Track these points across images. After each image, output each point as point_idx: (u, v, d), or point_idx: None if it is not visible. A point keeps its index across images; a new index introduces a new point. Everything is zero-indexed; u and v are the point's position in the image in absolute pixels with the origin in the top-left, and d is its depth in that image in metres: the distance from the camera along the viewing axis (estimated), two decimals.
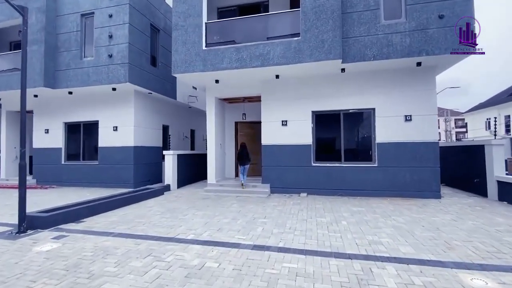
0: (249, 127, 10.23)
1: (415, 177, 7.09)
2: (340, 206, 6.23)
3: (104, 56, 8.85)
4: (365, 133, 7.60)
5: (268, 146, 8.05)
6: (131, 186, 9.24)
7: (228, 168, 9.85)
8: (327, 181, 7.59)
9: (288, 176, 7.86)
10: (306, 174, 7.73)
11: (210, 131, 8.71)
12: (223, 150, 9.58)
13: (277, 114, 8.02)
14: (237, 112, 9.85)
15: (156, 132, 10.63)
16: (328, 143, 7.97)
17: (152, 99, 10.41)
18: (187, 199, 7.31)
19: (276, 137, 8.00)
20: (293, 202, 6.73)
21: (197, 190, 8.83)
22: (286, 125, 7.93)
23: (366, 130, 7.60)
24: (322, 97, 7.72)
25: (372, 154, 7.46)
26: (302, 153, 7.78)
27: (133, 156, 9.31)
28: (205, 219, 5.18)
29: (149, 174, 10.06)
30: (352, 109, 7.59)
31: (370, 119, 7.50)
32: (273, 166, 7.99)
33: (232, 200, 7.07)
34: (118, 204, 6.31)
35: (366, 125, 7.61)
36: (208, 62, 7.33)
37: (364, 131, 7.66)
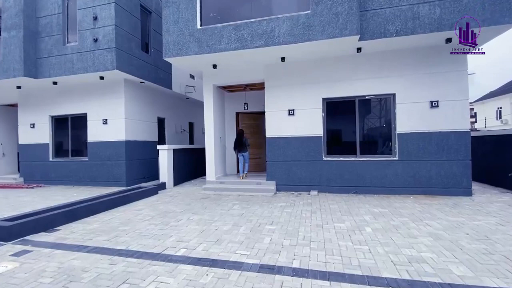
0: (252, 118, 9.33)
1: (442, 171, 6.20)
2: (358, 206, 5.38)
3: (88, 40, 7.93)
4: (384, 123, 6.69)
5: (273, 138, 7.18)
6: (123, 184, 8.46)
7: (229, 163, 9.01)
8: (340, 177, 6.73)
9: (296, 172, 7.01)
10: (317, 169, 6.87)
11: (208, 123, 7.84)
12: (223, 144, 8.73)
13: (283, 102, 7.11)
14: (238, 102, 8.95)
15: (150, 125, 9.78)
16: (341, 134, 7.07)
17: (145, 89, 9.52)
18: (183, 199, 6.50)
19: (282, 128, 7.11)
20: (303, 202, 5.89)
21: (195, 188, 8.02)
22: (293, 114, 7.03)
23: (385, 119, 6.68)
24: (334, 82, 6.78)
25: (391, 146, 6.56)
26: (312, 146, 6.90)
27: (125, 151, 8.49)
28: (201, 225, 4.36)
29: (144, 171, 9.27)
30: (369, 95, 6.65)
31: (390, 106, 6.57)
32: (279, 161, 7.13)
33: (234, 200, 6.25)
34: (104, 206, 5.52)
35: (385, 113, 6.68)
36: (204, 43, 6.40)
37: (382, 120, 6.74)
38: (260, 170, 9.59)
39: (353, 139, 6.82)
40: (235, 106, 9.01)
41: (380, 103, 6.70)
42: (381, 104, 6.69)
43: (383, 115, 6.71)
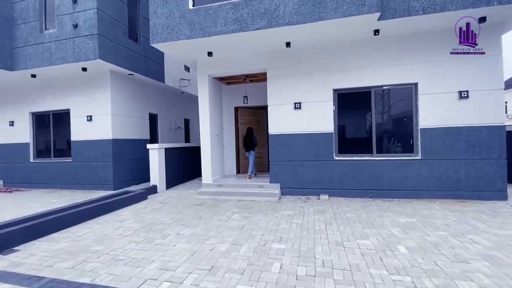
0: (252, 114, 8.49)
1: (472, 172, 5.38)
2: (380, 215, 4.57)
3: (68, 26, 7.04)
4: (404, 116, 5.85)
5: (277, 136, 6.34)
6: (110, 187, 7.63)
7: (227, 163, 8.18)
8: (353, 179, 5.91)
9: (303, 174, 6.19)
10: (327, 170, 6.05)
11: (204, 118, 6.98)
12: (220, 142, 7.89)
13: (288, 95, 6.26)
14: (236, 95, 8.09)
15: (141, 122, 8.93)
16: (355, 130, 6.24)
17: (134, 82, 8.64)
18: (175, 206, 5.67)
19: (287, 124, 6.27)
20: (314, 209, 5.07)
21: (190, 192, 7.19)
22: (300, 108, 6.19)
23: (405, 112, 5.85)
24: (347, 71, 5.93)
25: (413, 143, 5.73)
26: (321, 144, 6.07)
27: (112, 151, 7.64)
28: (192, 243, 3.54)
29: (134, 172, 8.43)
30: (387, 85, 5.81)
31: (411, 98, 5.73)
32: (283, 161, 6.30)
33: (233, 207, 5.43)
34: (80, 217, 4.69)
35: (405, 105, 5.85)
36: (197, 26, 5.53)
37: (402, 113, 5.90)
38: (261, 170, 8.76)
39: (368, 136, 5.99)
40: (233, 100, 8.15)
41: (399, 94, 5.85)
42: (401, 95, 5.85)
43: (403, 108, 5.87)
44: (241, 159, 8.28)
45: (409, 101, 5.76)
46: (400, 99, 5.88)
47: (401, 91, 5.82)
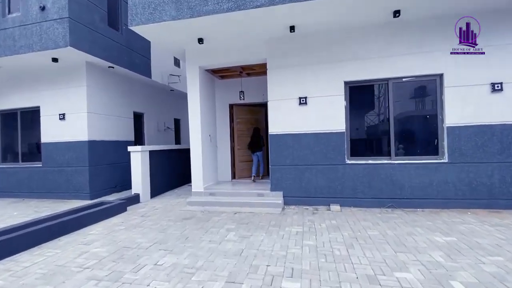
0: (249, 112, 7.61)
1: (508, 177, 4.61)
2: (409, 231, 3.73)
3: (34, 9, 6.04)
4: (428, 113, 5.06)
5: (279, 136, 5.47)
6: (86, 196, 6.61)
7: (222, 168, 7.25)
8: (369, 186, 5.08)
9: (310, 180, 5.32)
10: (338, 176, 5.20)
11: (194, 116, 6.06)
12: (214, 144, 6.97)
13: (292, 88, 5.40)
14: (232, 91, 7.18)
15: (124, 122, 7.93)
16: (370, 129, 5.42)
17: (116, 77, 7.66)
18: (158, 221, 4.72)
19: (291, 122, 5.41)
20: (326, 224, 4.20)
21: (178, 201, 6.24)
22: (306, 103, 5.33)
23: (428, 108, 5.06)
24: (361, 60, 5.11)
25: (438, 144, 4.94)
26: (331, 145, 5.22)
27: (89, 154, 6.64)
28: (173, 282, 2.61)
29: (116, 178, 7.43)
30: (407, 77, 5.01)
31: (435, 91, 4.94)
32: (286, 165, 5.43)
33: (228, 221, 4.51)
34: (35, 239, 3.71)
35: (428, 100, 5.06)
36: (184, 4, 4.62)
37: (425, 109, 5.11)
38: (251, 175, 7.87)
39: (385, 136, 5.17)
40: (228, 96, 7.24)
41: (422, 86, 5.06)
42: (424, 88, 5.06)
43: (426, 103, 5.08)
44: (237, 162, 7.38)
45: (433, 94, 4.97)
46: (423, 92, 5.08)
47: (423, 83, 5.03)
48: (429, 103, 5.00)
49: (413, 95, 5.12)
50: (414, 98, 5.14)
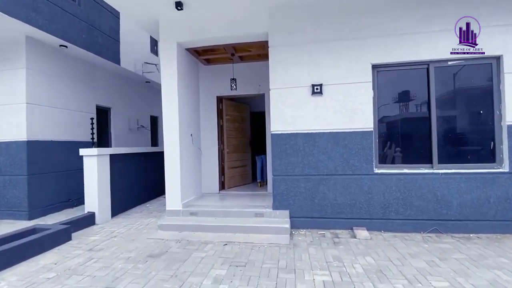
0: (242, 107, 6.21)
1: None
2: (491, 279, 2.46)
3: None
4: (481, 107, 3.88)
5: (285, 136, 4.10)
6: (24, 215, 4.93)
7: (207, 176, 5.76)
8: (404, 203, 3.82)
9: (326, 195, 3.98)
10: (363, 189, 3.90)
11: (169, 110, 4.57)
12: (196, 146, 5.49)
13: (303, 72, 4.06)
14: (221, 79, 5.74)
15: (82, 118, 6.27)
16: (405, 128, 4.16)
17: (71, 60, 6.00)
18: (110, 261, 3.17)
19: (301, 117, 4.06)
20: (362, 264, 2.85)
21: (148, 222, 4.69)
22: (321, 92, 4.01)
23: (482, 101, 3.88)
24: (392, 37, 3.86)
25: (495, 148, 3.76)
26: (354, 149, 3.92)
27: (27, 158, 4.96)
28: None
29: (70, 190, 5.74)
30: (454, 59, 3.81)
31: (491, 78, 3.78)
32: (295, 175, 4.06)
33: (216, 261, 3.06)
34: None
35: (481, 90, 3.88)
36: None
37: (477, 102, 3.93)
38: (246, 182, 6.52)
39: (425, 137, 3.94)
40: (216, 86, 5.79)
41: (473, 72, 3.88)
42: (476, 75, 3.88)
43: (478, 94, 3.90)
44: (227, 169, 5.94)
45: (487, 83, 3.80)
46: (474, 79, 3.90)
47: (475, 68, 3.84)
48: (484, 95, 3.82)
49: (461, 83, 3.93)
50: (462, 87, 3.94)
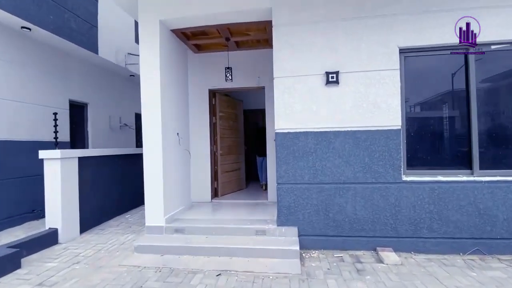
0: (237, 104, 5.45)
1: None
2: None
3: None
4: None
5: (292, 135, 3.34)
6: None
7: (197, 182, 4.94)
8: (439, 218, 3.11)
9: (343, 208, 3.24)
10: (389, 201, 3.18)
11: (149, 103, 3.74)
12: (184, 148, 4.68)
13: (314, 57, 3.31)
14: (214, 70, 4.94)
15: (50, 114, 5.36)
16: (440, 126, 3.47)
17: (38, 46, 5.11)
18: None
19: (313, 112, 3.31)
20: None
21: (124, 241, 3.84)
22: (337, 82, 3.27)
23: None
24: (423, 15, 3.15)
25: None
26: (378, 152, 3.20)
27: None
28: None
29: (35, 198, 4.81)
30: (501, 42, 3.13)
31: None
32: (304, 183, 3.31)
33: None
34: None
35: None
36: None
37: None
38: (241, 188, 5.78)
39: (463, 138, 3.25)
40: (208, 78, 4.98)
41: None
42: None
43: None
44: (220, 174, 5.16)
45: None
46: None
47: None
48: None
49: (508, 72, 3.26)
50: (509, 77, 3.27)
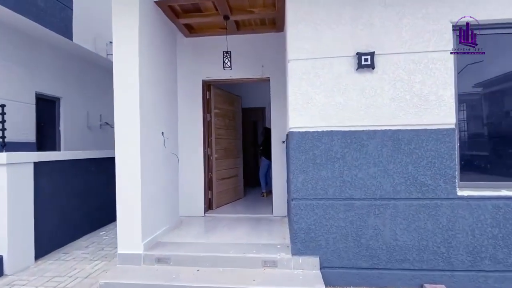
0: (235, 100, 4.65)
1: None
2: None
3: None
4: None
5: (311, 136, 2.55)
6: None
7: (186, 192, 4.08)
8: (504, 245, 2.37)
9: (379, 232, 2.46)
10: (440, 223, 2.42)
11: (124, 94, 2.90)
12: (170, 150, 3.83)
13: (342, 35, 2.54)
14: (209, 58, 4.11)
15: (14, 110, 4.42)
16: (505, 127, 2.73)
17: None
18: None
19: (339, 106, 2.53)
20: None
21: (89, 273, 2.94)
22: (372, 66, 2.49)
23: None
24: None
25: None
26: (425, 158, 2.43)
27: None
28: None
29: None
30: None
31: None
32: (328, 199, 2.52)
33: None
34: None
35: None
36: None
37: None
38: (239, 197, 4.98)
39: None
40: (202, 67, 4.15)
41: None
42: None
43: None
44: (216, 181, 4.33)
45: None
46: None
47: None
48: None
49: None
50: None
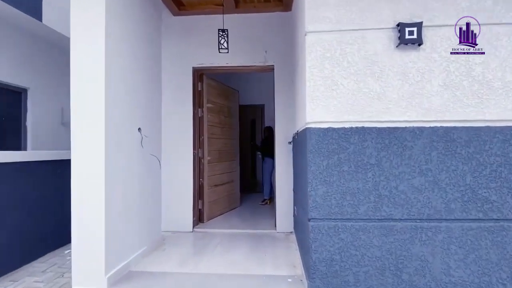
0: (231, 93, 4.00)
1: None
2: None
3: None
4: None
5: (336, 133, 1.91)
6: None
7: (173, 203, 3.40)
8: None
9: (426, 265, 1.83)
10: (506, 252, 1.80)
11: (83, 81, 2.20)
12: (150, 150, 3.13)
13: (374, 1, 1.92)
14: (201, 41, 3.43)
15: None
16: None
17: None
18: None
19: (374, 95, 1.90)
20: None
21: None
22: (418, 41, 1.86)
23: None
24: None
25: None
26: (490, 165, 1.81)
27: None
28: None
29: None
30: None
31: None
32: (358, 219, 1.87)
33: None
34: None
35: None
36: None
37: None
38: (232, 207, 4.32)
39: None
40: (193, 52, 3.47)
41: None
42: None
43: None
44: (207, 189, 3.65)
45: None
46: None
47: None
48: None
49: None
50: None
